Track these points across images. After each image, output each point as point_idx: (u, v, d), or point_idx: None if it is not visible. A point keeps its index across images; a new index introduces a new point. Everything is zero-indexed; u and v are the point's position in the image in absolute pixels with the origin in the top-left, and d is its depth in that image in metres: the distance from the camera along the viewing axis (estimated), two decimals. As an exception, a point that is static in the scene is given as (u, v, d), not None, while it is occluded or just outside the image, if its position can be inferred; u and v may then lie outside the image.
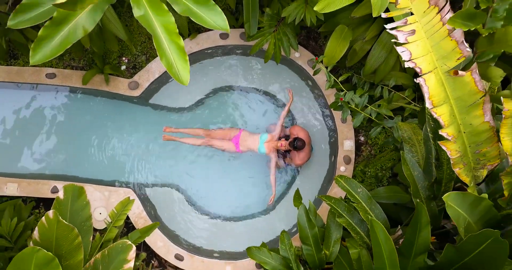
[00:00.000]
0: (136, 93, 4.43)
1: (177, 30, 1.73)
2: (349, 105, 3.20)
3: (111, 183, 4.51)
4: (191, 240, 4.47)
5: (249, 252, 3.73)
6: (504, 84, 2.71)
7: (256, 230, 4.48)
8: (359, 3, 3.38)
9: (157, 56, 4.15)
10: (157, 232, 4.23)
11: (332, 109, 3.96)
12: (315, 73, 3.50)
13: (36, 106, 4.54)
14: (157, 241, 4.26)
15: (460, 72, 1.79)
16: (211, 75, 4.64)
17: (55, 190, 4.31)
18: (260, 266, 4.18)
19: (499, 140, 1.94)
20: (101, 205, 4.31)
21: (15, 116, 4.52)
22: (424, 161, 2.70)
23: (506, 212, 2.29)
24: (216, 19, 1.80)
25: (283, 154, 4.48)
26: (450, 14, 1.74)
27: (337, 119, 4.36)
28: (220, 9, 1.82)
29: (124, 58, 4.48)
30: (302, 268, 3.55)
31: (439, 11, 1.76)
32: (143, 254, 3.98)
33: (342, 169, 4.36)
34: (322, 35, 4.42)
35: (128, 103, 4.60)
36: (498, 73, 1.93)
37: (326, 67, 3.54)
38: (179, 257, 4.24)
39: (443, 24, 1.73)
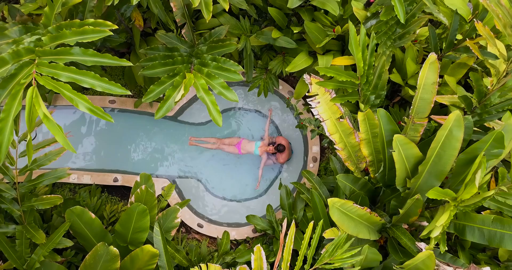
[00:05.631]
0: (170, 113, 7.30)
1: (216, 102, 4.53)
2: (307, 126, 6.02)
3: (152, 175, 7.31)
4: (207, 214, 7.32)
5: (247, 219, 6.60)
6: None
7: (252, 209, 7.42)
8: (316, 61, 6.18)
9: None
10: (185, 208, 7.04)
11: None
12: (287, 105, 6.35)
13: (103, 124, 7.37)
14: (185, 214, 7.11)
15: (341, 119, 4.60)
16: (220, 101, 7.43)
17: (116, 180, 7.11)
18: (255, 231, 6.98)
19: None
20: (148, 190, 7.08)
21: (89, 131, 7.38)
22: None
23: (377, 186, 5.11)
24: (233, 96, 4.63)
25: (271, 155, 7.27)
26: (334, 95, 4.57)
27: (307, 131, 7.16)
28: (234, 92, 4.65)
29: (162, 90, 7.28)
30: (281, 227, 6.34)
31: (330, 94, 4.58)
32: (180, 219, 6.79)
33: (311, 165, 7.17)
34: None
35: (163, 120, 7.46)
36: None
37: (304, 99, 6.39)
38: (200, 225, 7.06)
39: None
